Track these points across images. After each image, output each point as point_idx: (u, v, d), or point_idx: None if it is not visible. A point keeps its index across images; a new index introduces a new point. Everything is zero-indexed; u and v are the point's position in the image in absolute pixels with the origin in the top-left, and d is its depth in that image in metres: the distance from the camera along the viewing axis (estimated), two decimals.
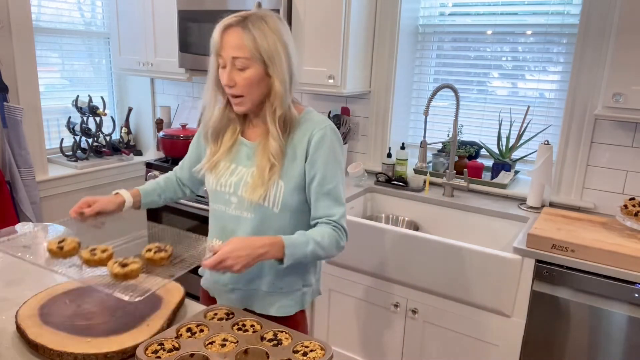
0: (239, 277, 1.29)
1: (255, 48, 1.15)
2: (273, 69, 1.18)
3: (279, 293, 1.31)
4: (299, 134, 1.24)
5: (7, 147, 2.58)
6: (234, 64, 1.17)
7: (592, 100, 2.01)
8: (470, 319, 1.86)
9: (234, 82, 1.18)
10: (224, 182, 1.28)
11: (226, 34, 1.17)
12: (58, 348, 0.99)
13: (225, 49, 1.17)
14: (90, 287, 1.24)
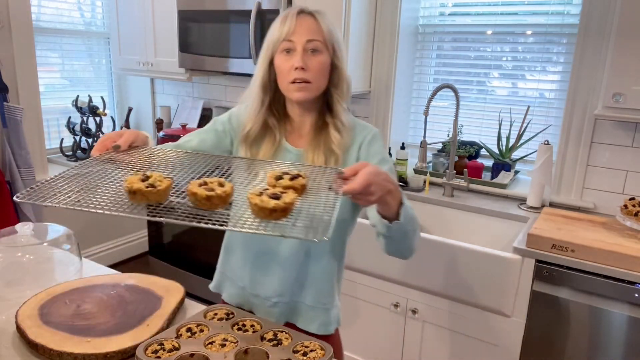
0: (285, 288, 1.21)
1: (329, 34, 1.15)
2: (341, 58, 1.18)
3: (322, 309, 1.23)
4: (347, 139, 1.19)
5: (7, 147, 2.58)
6: (306, 48, 1.13)
7: (592, 100, 2.01)
8: (470, 319, 1.86)
9: (307, 66, 1.13)
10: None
11: (300, 18, 1.15)
12: (58, 348, 0.99)
13: (299, 32, 1.13)
14: (90, 287, 1.24)
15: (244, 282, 1.27)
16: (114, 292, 1.23)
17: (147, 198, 0.87)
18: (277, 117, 1.24)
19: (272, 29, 1.17)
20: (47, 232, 1.64)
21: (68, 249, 1.62)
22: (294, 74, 1.14)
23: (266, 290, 1.23)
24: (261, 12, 2.38)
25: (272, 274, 1.22)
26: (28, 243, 1.52)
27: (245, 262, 1.26)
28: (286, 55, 1.15)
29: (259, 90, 1.21)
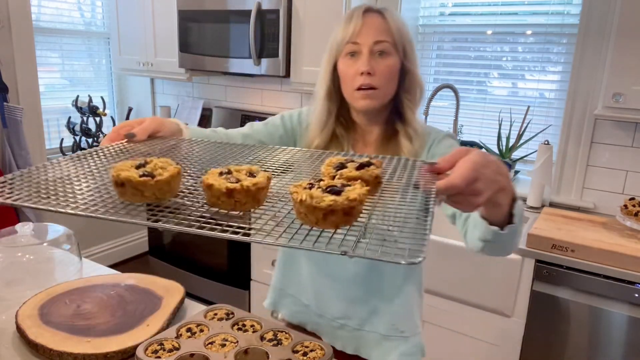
0: (352, 311, 1.08)
1: (399, 34, 1.03)
2: (413, 59, 1.06)
3: (400, 338, 1.08)
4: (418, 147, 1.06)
5: (7, 147, 2.58)
6: (373, 50, 1.02)
7: (592, 100, 2.01)
8: (470, 319, 1.86)
9: (374, 70, 1.01)
10: None
11: (367, 17, 1.03)
12: (58, 348, 0.99)
13: (366, 34, 1.01)
14: (90, 287, 1.24)
15: (309, 300, 1.15)
16: (114, 292, 1.22)
17: (142, 193, 0.60)
18: (345, 125, 1.12)
19: (336, 30, 1.06)
20: (47, 232, 1.64)
21: (68, 249, 1.62)
22: (359, 79, 1.02)
23: (332, 310, 1.11)
24: (261, 12, 2.38)
25: (338, 292, 1.10)
26: (28, 243, 1.52)
27: (310, 278, 1.14)
28: (351, 59, 1.04)
29: (324, 100, 1.10)
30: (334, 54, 1.06)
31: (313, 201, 0.55)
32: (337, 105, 1.10)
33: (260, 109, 3.01)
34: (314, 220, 0.55)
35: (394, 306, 1.08)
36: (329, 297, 1.12)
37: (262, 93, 2.99)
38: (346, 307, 1.10)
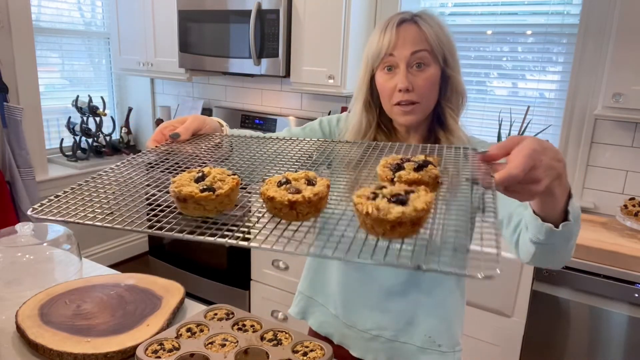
0: (388, 322, 1.04)
1: (437, 41, 0.97)
2: (454, 65, 1.00)
3: (437, 352, 1.03)
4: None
5: (7, 147, 2.58)
6: (410, 63, 0.97)
7: (592, 100, 2.01)
8: (471, 319, 1.86)
9: (412, 86, 0.97)
10: None
11: (402, 29, 0.97)
12: (58, 348, 0.99)
13: (402, 46, 0.96)
14: (90, 287, 1.24)
15: (337, 310, 1.12)
16: (114, 292, 1.22)
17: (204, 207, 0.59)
18: (387, 133, 1.08)
19: (371, 41, 1.02)
20: (47, 232, 1.63)
21: (68, 249, 1.62)
22: (397, 95, 0.98)
23: (364, 321, 1.07)
24: (261, 12, 2.38)
25: (373, 303, 1.06)
26: (28, 243, 1.51)
27: (340, 287, 1.10)
28: (388, 74, 0.99)
29: (362, 111, 1.06)
30: (370, 66, 1.02)
31: (380, 213, 0.52)
32: (376, 115, 1.07)
33: (260, 109, 3.01)
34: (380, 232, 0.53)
35: (431, 318, 1.03)
36: (361, 307, 1.08)
37: (262, 93, 2.99)
38: (380, 317, 1.05)
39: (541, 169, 0.63)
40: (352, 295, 1.08)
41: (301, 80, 2.41)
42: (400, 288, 1.03)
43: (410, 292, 1.03)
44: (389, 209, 0.52)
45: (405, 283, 1.02)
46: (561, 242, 0.76)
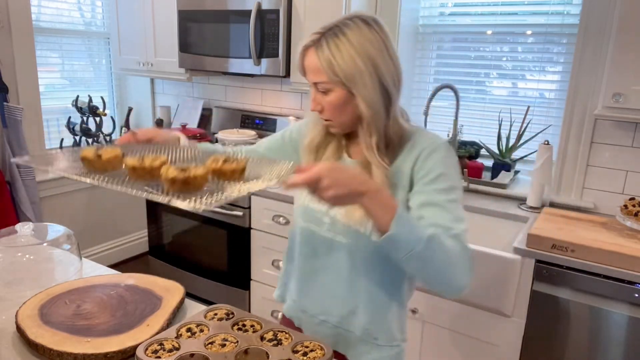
0: (333, 309, 1.13)
1: (331, 70, 0.98)
2: (356, 89, 0.99)
3: (373, 344, 1.11)
4: (402, 158, 1.05)
5: (7, 147, 2.58)
6: (317, 88, 1.04)
7: (592, 100, 2.01)
8: (470, 319, 1.86)
9: (321, 107, 1.05)
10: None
11: (304, 58, 1.04)
12: (58, 348, 0.99)
13: (307, 74, 1.05)
14: (90, 287, 1.24)
15: (294, 296, 1.22)
16: (114, 292, 1.23)
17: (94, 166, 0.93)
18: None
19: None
20: (47, 232, 1.63)
21: (68, 249, 1.62)
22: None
23: (313, 306, 1.16)
24: (261, 12, 2.38)
25: (321, 290, 1.15)
26: (28, 243, 1.51)
27: (298, 273, 1.19)
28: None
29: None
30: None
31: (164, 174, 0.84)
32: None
33: (260, 109, 3.01)
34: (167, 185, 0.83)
35: (369, 311, 1.10)
36: (313, 293, 1.17)
37: (262, 93, 2.99)
38: (328, 303, 1.13)
39: (328, 180, 0.83)
40: (307, 282, 1.17)
41: (301, 80, 2.41)
42: (347, 277, 1.10)
43: (355, 283, 1.10)
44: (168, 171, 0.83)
45: (350, 272, 1.10)
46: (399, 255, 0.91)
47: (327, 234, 1.11)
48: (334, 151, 1.13)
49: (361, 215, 0.97)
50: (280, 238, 2.34)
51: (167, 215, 2.83)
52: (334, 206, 0.90)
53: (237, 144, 2.65)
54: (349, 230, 1.08)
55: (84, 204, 3.10)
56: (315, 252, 1.15)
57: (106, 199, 3.22)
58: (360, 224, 1.04)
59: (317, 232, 1.13)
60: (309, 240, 1.15)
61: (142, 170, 0.86)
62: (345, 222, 1.07)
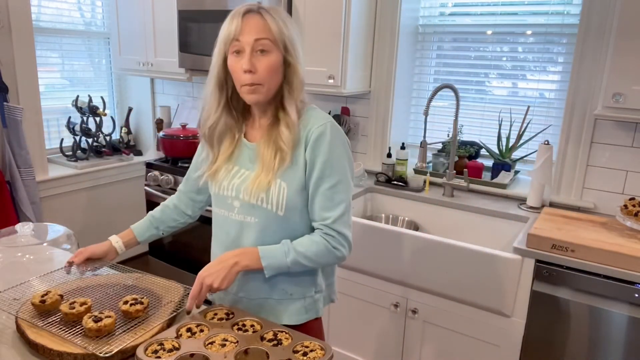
0: (247, 285, 1.23)
1: (279, 31, 1.12)
2: (294, 54, 1.15)
3: (289, 300, 1.24)
4: (296, 136, 1.18)
5: (7, 147, 2.58)
6: (254, 48, 1.11)
7: (592, 100, 2.01)
8: (470, 319, 1.86)
9: (255, 68, 1.11)
10: (226, 185, 1.22)
11: (247, 18, 1.13)
12: (58, 348, 0.99)
13: (247, 32, 1.11)
14: (91, 287, 1.25)
15: None
16: (114, 292, 1.23)
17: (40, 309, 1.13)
18: (236, 114, 1.24)
19: (222, 28, 1.16)
20: (47, 232, 1.63)
21: (68, 249, 1.62)
22: (244, 77, 1.12)
23: (232, 285, 1.22)
24: None
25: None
26: (28, 243, 1.52)
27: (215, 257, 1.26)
28: (237, 57, 1.13)
29: (214, 90, 1.20)
30: (223, 49, 1.16)
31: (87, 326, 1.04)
32: (226, 95, 1.21)
33: None
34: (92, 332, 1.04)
35: (282, 276, 1.21)
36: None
37: None
38: (242, 281, 1.22)
39: (208, 278, 1.10)
40: None
41: None
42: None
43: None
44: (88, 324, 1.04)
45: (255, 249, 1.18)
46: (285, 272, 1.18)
47: (238, 217, 1.21)
48: (232, 139, 1.23)
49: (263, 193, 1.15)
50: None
51: None
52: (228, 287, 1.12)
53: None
54: (256, 210, 1.18)
55: (84, 204, 3.10)
56: (228, 235, 1.24)
57: (106, 199, 3.22)
58: (266, 202, 1.16)
59: (229, 216, 1.23)
60: (223, 224, 1.25)
61: (72, 315, 1.09)
62: (251, 202, 1.17)
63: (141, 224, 1.41)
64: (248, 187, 1.17)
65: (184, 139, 2.80)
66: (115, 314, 1.09)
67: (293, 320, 1.24)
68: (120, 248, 1.36)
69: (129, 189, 3.33)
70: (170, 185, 2.73)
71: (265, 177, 1.15)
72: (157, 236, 1.43)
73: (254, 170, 1.19)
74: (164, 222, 1.42)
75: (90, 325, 1.03)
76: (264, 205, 1.17)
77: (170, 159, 2.86)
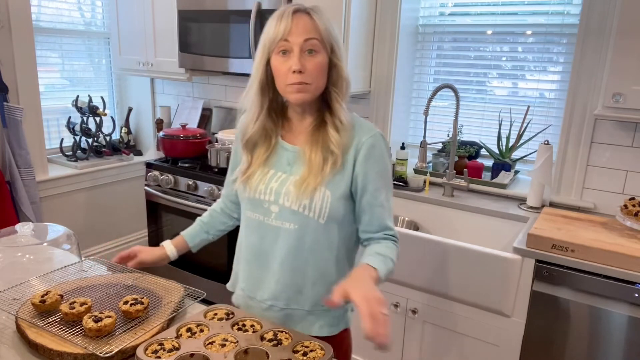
0: (279, 292, 1.19)
1: (326, 32, 1.11)
2: (339, 55, 1.15)
3: (321, 311, 1.21)
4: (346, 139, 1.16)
5: (7, 147, 2.58)
6: (303, 48, 1.09)
7: (592, 100, 2.01)
8: (470, 319, 1.86)
9: (305, 68, 1.10)
10: (262, 188, 1.17)
11: (296, 18, 1.10)
12: (58, 348, 0.99)
13: (296, 33, 1.09)
14: (90, 287, 1.25)
15: (242, 284, 1.27)
16: (114, 292, 1.23)
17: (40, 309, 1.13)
18: (275, 118, 1.22)
19: (268, 28, 1.13)
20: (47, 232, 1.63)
21: (68, 249, 1.62)
22: (291, 77, 1.10)
23: (262, 293, 1.21)
24: (261, 12, 2.38)
25: (268, 277, 1.20)
26: (28, 243, 1.51)
27: (246, 264, 1.25)
28: (283, 57, 1.11)
29: (257, 94, 1.18)
30: (267, 51, 1.14)
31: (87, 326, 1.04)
32: (269, 99, 1.19)
33: None
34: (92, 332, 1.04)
35: (316, 286, 1.19)
36: (260, 279, 1.22)
37: None
38: (273, 290, 1.19)
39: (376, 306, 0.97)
40: (253, 270, 1.23)
41: None
42: (290, 263, 1.17)
43: (301, 266, 1.17)
44: (88, 324, 1.04)
45: (293, 258, 1.17)
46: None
47: (275, 223, 1.17)
48: (268, 143, 1.21)
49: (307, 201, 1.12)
50: None
51: (167, 215, 2.83)
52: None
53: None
54: (296, 217, 1.15)
55: (84, 204, 3.10)
56: (262, 240, 1.20)
57: (106, 199, 3.22)
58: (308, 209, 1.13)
59: (264, 221, 1.19)
60: (256, 230, 1.21)
61: (72, 315, 1.09)
62: (293, 208, 1.14)
63: (191, 230, 1.41)
64: (291, 192, 1.14)
65: (184, 139, 2.80)
66: (115, 314, 1.08)
67: (325, 332, 1.21)
68: (173, 255, 1.37)
69: (129, 189, 3.33)
70: (170, 185, 2.73)
71: (313, 181, 1.12)
72: (208, 241, 1.43)
73: (293, 174, 1.16)
74: (213, 226, 1.42)
75: (91, 325, 1.03)
76: (305, 212, 1.13)
77: (170, 159, 2.86)
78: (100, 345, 1.00)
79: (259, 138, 1.20)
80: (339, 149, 1.14)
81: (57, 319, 1.10)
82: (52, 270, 1.33)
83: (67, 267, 1.36)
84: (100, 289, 1.24)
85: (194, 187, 2.64)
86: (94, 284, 1.27)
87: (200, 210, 2.61)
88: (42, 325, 1.07)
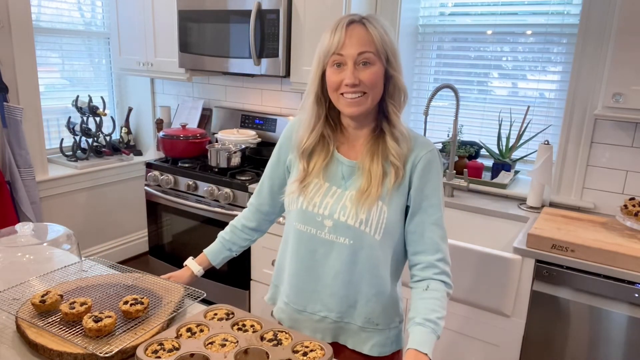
0: (333, 305, 1.17)
1: (382, 43, 1.08)
2: (396, 66, 1.11)
3: (375, 330, 1.18)
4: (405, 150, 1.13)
5: (7, 147, 2.58)
6: (357, 61, 1.07)
7: (592, 100, 2.01)
8: (470, 319, 1.86)
9: (359, 80, 1.07)
10: (318, 202, 1.15)
11: (350, 30, 1.08)
12: (58, 348, 0.99)
13: (350, 46, 1.07)
14: (91, 287, 1.25)
15: (289, 298, 1.23)
16: (114, 292, 1.23)
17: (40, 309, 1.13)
18: (333, 126, 1.19)
19: (322, 40, 1.11)
20: (47, 232, 1.63)
21: (68, 249, 1.62)
22: (344, 89, 1.09)
23: (314, 305, 1.19)
24: (261, 12, 2.38)
25: (320, 289, 1.18)
26: (28, 243, 1.51)
27: (293, 275, 1.22)
28: (337, 69, 1.09)
29: (313, 105, 1.16)
30: (322, 63, 1.12)
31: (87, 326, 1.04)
32: (325, 109, 1.17)
33: (260, 109, 3.01)
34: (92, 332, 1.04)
35: (371, 303, 1.16)
36: (310, 292, 1.19)
37: (262, 93, 2.99)
38: (327, 301, 1.17)
39: None
40: (304, 283, 1.20)
41: (301, 80, 2.41)
42: (344, 277, 1.15)
43: (355, 279, 1.15)
44: (88, 324, 1.04)
45: (347, 272, 1.14)
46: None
47: (328, 237, 1.14)
48: (326, 152, 1.18)
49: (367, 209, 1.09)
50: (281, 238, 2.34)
51: (167, 215, 2.83)
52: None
53: (236, 143, 2.65)
54: (351, 232, 1.12)
55: (84, 204, 3.10)
56: (313, 253, 1.17)
57: (106, 199, 3.22)
58: (365, 224, 1.10)
59: (317, 235, 1.16)
60: (307, 242, 1.17)
61: (71, 315, 1.09)
62: (349, 221, 1.11)
63: (213, 248, 1.41)
64: (347, 207, 1.12)
65: (184, 139, 2.80)
66: (116, 314, 1.08)
67: (376, 352, 1.18)
68: (200, 274, 1.42)
69: (129, 189, 3.33)
70: (170, 186, 2.73)
71: (374, 193, 1.10)
72: (231, 257, 1.41)
73: (348, 189, 1.14)
74: (235, 243, 1.40)
75: (91, 325, 1.03)
76: (362, 227, 1.11)
77: (170, 159, 2.86)
78: (100, 345, 1.00)
79: (316, 146, 1.18)
80: (400, 160, 1.11)
81: (57, 319, 1.10)
82: (52, 270, 1.33)
83: (67, 267, 1.36)
84: (100, 289, 1.24)
85: (194, 187, 2.64)
86: (94, 284, 1.27)
87: (200, 210, 2.62)
88: (42, 325, 1.07)
